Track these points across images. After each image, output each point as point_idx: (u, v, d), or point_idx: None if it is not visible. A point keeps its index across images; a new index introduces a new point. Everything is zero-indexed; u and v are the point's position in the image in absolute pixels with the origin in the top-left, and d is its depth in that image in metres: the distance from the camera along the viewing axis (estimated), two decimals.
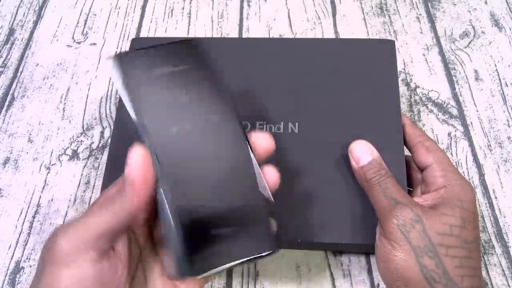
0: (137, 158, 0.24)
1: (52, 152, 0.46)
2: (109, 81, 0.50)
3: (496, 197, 0.42)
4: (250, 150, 0.27)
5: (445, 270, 0.28)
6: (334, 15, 0.55)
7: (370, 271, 0.38)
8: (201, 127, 0.26)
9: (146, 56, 0.27)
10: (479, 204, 0.41)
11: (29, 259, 0.40)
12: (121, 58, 0.27)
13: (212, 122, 0.27)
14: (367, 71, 0.39)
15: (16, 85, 0.50)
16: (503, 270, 0.38)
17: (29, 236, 0.41)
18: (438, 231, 0.29)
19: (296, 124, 0.38)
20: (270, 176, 0.27)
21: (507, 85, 0.48)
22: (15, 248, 0.40)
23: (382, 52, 0.40)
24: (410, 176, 0.37)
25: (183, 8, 0.57)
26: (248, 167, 0.27)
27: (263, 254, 0.26)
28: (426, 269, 0.28)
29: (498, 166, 0.43)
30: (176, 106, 0.26)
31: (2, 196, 0.43)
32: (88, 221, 0.24)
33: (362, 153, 0.33)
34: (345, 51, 0.41)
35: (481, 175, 0.43)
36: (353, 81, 0.39)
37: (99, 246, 0.24)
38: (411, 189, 0.36)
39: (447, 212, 0.30)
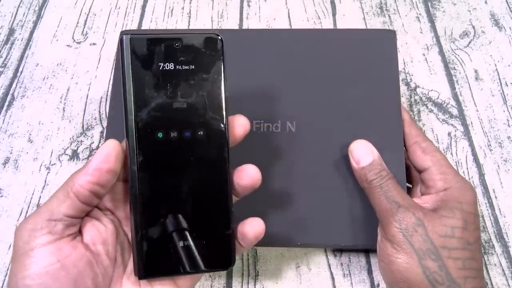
0: (106, 148, 0.25)
1: (52, 152, 0.46)
2: (109, 81, 0.50)
3: (496, 197, 0.42)
4: (228, 168, 0.27)
5: (448, 272, 0.28)
6: (334, 15, 0.55)
7: (370, 271, 0.38)
8: (187, 138, 0.27)
9: (159, 44, 0.26)
10: (479, 204, 0.41)
11: None
12: (135, 41, 0.26)
13: (199, 136, 0.27)
14: (367, 64, 0.38)
15: (16, 85, 0.50)
16: (503, 270, 0.38)
17: None
18: (440, 233, 0.29)
19: (294, 122, 0.37)
20: (247, 174, 0.28)
21: (507, 85, 0.48)
22: None
23: (382, 43, 0.38)
24: (410, 174, 0.36)
25: (183, 8, 0.57)
26: (222, 188, 0.27)
27: (219, 270, 0.28)
28: (429, 271, 0.28)
29: (498, 166, 0.43)
30: (170, 109, 0.26)
31: (2, 196, 0.43)
32: (42, 208, 0.25)
33: (363, 153, 0.33)
34: (344, 42, 0.39)
35: (481, 175, 0.43)
36: (352, 76, 0.38)
37: (51, 228, 0.24)
38: (411, 186, 0.36)
39: (448, 215, 0.30)
